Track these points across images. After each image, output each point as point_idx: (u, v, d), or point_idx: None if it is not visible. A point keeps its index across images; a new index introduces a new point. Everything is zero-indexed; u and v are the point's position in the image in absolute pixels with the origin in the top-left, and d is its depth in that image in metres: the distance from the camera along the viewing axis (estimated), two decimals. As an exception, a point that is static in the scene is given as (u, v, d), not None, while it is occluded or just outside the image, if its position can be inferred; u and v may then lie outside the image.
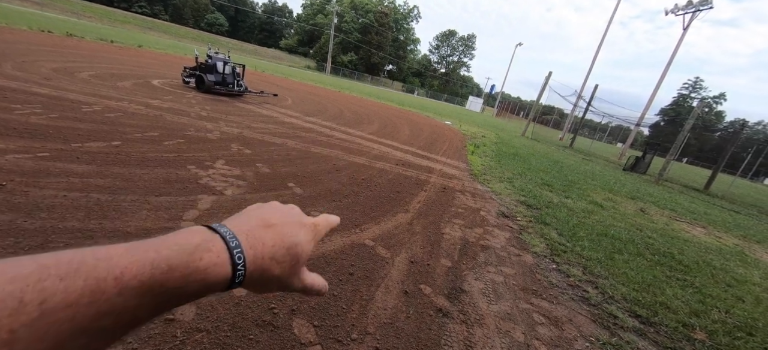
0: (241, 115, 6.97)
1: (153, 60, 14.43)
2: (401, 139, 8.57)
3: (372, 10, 69.57)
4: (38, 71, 6.73)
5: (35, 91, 5.27)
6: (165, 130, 4.78)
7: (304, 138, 6.22)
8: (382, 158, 6.02)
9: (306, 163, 4.68)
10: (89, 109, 4.99)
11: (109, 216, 2.42)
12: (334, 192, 3.83)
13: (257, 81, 15.25)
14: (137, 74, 9.42)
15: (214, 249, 0.31)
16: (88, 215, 2.38)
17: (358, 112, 12.43)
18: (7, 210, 2.23)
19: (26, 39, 11.37)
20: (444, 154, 8.00)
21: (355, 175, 4.65)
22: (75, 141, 3.69)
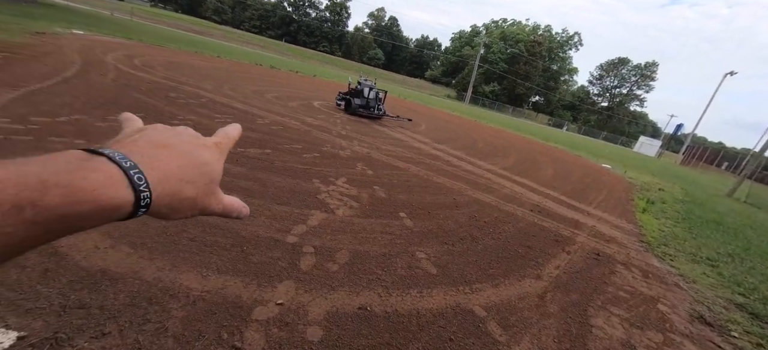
0: (374, 137, 7.32)
1: (320, 86, 17.40)
2: (541, 180, 7.25)
3: (523, 40, 65.88)
4: (242, 92, 8.90)
5: (234, 106, 6.89)
6: (308, 144, 5.37)
7: (429, 165, 5.95)
8: (513, 200, 5.11)
9: (424, 193, 4.35)
10: (262, 121, 6.13)
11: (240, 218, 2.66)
12: (447, 232, 3.33)
13: (398, 106, 16.27)
14: (304, 97, 11.40)
15: (103, 170, 0.28)
16: (223, 212, 2.67)
17: (493, 144, 11.48)
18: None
19: (245, 70, 15.58)
20: (599, 205, 6.28)
21: (477, 216, 4.01)
22: (241, 146, 4.48)
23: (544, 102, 75.19)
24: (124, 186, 0.29)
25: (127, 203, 0.29)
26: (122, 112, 0.44)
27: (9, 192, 0.23)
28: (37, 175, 0.24)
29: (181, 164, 0.34)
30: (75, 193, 0.25)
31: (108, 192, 0.27)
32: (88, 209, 0.26)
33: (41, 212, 0.24)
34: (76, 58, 7.89)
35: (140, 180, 0.29)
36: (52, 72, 6.04)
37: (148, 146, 0.33)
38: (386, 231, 3.04)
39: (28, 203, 0.23)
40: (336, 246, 2.60)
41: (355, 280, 2.25)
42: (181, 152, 0.35)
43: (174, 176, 0.33)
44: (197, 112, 5.67)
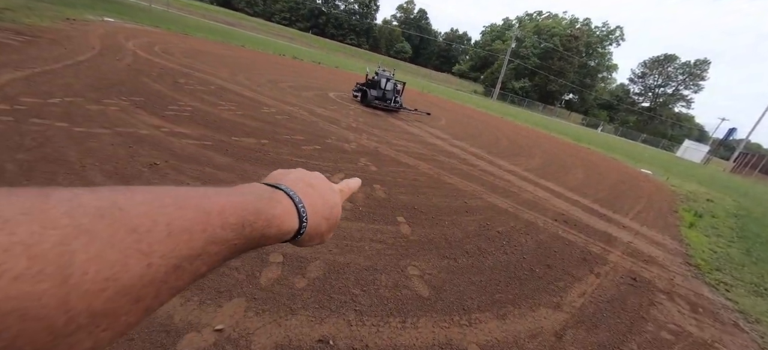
0: (387, 130, 6.87)
1: (341, 77, 17.09)
2: (570, 184, 6.53)
3: (559, 34, 62.41)
4: (257, 80, 8.71)
5: (243, 94, 6.67)
6: (310, 135, 5.02)
7: (442, 163, 5.44)
8: (535, 206, 4.51)
9: (431, 195, 3.87)
10: (267, 110, 5.85)
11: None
12: (451, 243, 2.85)
13: (419, 100, 15.68)
14: (321, 87, 11.11)
15: (284, 202, 0.36)
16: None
17: (517, 142, 10.68)
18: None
19: (266, 59, 15.54)
20: (637, 217, 5.51)
21: (489, 224, 3.48)
22: (237, 135, 4.19)
23: (579, 100, 71.11)
24: (295, 218, 0.37)
25: (294, 231, 0.37)
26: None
27: (241, 214, 0.30)
28: (253, 205, 0.32)
29: (322, 204, 0.42)
30: (270, 220, 0.33)
31: (287, 221, 0.36)
32: (273, 233, 0.34)
33: (254, 231, 0.31)
34: (97, 42, 7.98)
35: (303, 213, 0.38)
36: (66, 55, 6.06)
37: (304, 185, 0.41)
38: (377, 238, 2.61)
39: (248, 224, 0.31)
40: (311, 255, 2.21)
41: (323, 302, 1.85)
42: (322, 193, 0.43)
43: (319, 213, 0.41)
44: (202, 98, 5.47)
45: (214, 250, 0.27)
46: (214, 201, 0.28)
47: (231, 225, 0.29)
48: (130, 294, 0.21)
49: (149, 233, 0.23)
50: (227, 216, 0.29)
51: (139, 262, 0.22)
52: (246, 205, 0.31)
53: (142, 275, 0.22)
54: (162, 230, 0.23)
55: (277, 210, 0.35)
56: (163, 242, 0.23)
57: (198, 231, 0.26)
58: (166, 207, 0.25)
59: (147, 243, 0.22)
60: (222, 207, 0.29)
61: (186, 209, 0.26)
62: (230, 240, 0.29)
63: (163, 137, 3.55)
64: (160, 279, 0.23)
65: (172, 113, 4.40)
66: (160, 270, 0.23)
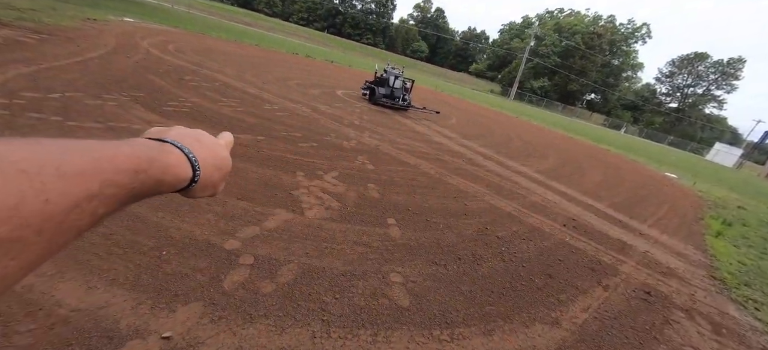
0: (392, 128, 6.69)
1: (352, 76, 17.01)
2: (584, 187, 6.16)
3: (581, 32, 60.33)
4: (264, 78, 8.71)
5: (248, 91, 6.65)
6: (309, 132, 4.91)
7: (446, 163, 5.22)
8: (542, 210, 4.24)
9: (428, 195, 3.67)
10: (269, 107, 5.79)
11: (180, 212, 2.24)
12: (443, 248, 2.66)
13: (431, 99, 15.40)
14: (330, 85, 11.04)
15: (175, 152, 0.39)
16: (165, 205, 2.26)
17: (531, 142, 10.27)
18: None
19: (279, 58, 15.64)
20: (657, 224, 5.12)
21: (489, 228, 3.26)
22: (233, 131, 4.10)
23: (601, 100, 68.53)
24: (188, 166, 0.40)
25: (188, 178, 0.40)
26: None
27: (134, 161, 0.32)
28: (145, 154, 0.34)
29: (212, 155, 0.44)
30: (165, 167, 0.36)
31: (182, 168, 0.39)
32: (170, 179, 0.37)
33: (149, 177, 0.34)
34: (111, 41, 8.17)
35: (196, 162, 0.41)
36: (78, 52, 6.19)
37: (190, 139, 0.43)
38: (361, 241, 2.45)
39: (142, 170, 0.33)
40: (285, 257, 2.07)
41: (289, 309, 1.70)
42: (210, 146, 0.45)
43: (209, 164, 0.43)
44: (205, 95, 5.46)
45: (110, 192, 0.29)
46: (103, 149, 0.30)
47: (124, 170, 0.31)
48: (31, 225, 0.23)
49: (39, 174, 0.24)
50: (119, 163, 0.30)
51: (37, 198, 0.23)
52: (138, 154, 0.33)
53: (41, 210, 0.23)
54: (52, 172, 0.25)
55: (170, 159, 0.37)
56: (56, 182, 0.25)
57: (90, 173, 0.27)
58: (51, 152, 0.26)
59: (40, 181, 0.24)
60: (113, 154, 0.30)
61: (74, 154, 0.27)
62: (126, 184, 0.31)
63: (155, 132, 3.51)
64: (59, 215, 0.25)
65: (170, 109, 4.38)
66: (58, 206, 0.24)
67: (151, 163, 0.34)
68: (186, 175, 0.39)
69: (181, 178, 0.38)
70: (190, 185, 0.40)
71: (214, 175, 0.44)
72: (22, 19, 7.62)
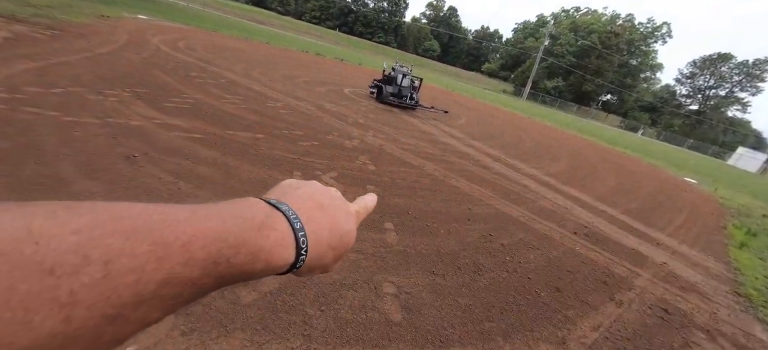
0: (397, 128, 6.55)
1: (361, 74, 16.90)
2: (598, 192, 5.89)
3: (598, 31, 58.81)
4: (271, 76, 8.67)
5: (252, 88, 6.60)
6: (311, 131, 4.81)
7: (452, 164, 5.04)
8: (552, 216, 4.03)
9: (431, 199, 3.52)
10: (272, 104, 5.72)
11: (164, 211, 2.15)
12: (443, 256, 2.50)
13: (441, 98, 15.18)
14: (337, 83, 10.95)
15: (279, 229, 0.29)
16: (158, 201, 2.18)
17: (542, 144, 9.96)
18: (108, 181, 2.30)
19: (288, 55, 15.65)
20: (675, 233, 4.84)
21: (494, 235, 3.09)
22: (233, 128, 4.05)
23: (617, 101, 66.71)
24: (292, 249, 0.29)
25: (287, 265, 0.30)
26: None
27: (215, 248, 0.23)
28: (235, 236, 0.25)
29: (331, 230, 0.34)
30: (256, 253, 0.26)
31: (280, 253, 0.28)
32: (260, 268, 0.27)
33: (231, 268, 0.25)
34: (123, 37, 8.26)
35: (303, 244, 0.30)
36: (88, 48, 6.25)
37: (311, 206, 0.34)
38: (354, 247, 2.32)
39: (224, 260, 0.24)
40: (271, 264, 1.96)
41: (268, 322, 1.59)
42: (333, 218, 0.35)
43: (324, 242, 0.33)
44: (209, 91, 5.42)
45: (170, 293, 0.21)
46: (180, 229, 0.22)
47: (198, 260, 0.22)
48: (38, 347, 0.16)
49: (74, 276, 0.17)
50: (195, 251, 0.22)
51: (52, 316, 0.16)
52: (225, 235, 0.24)
53: (55, 333, 0.16)
54: (96, 271, 0.18)
55: (269, 241, 0.28)
56: (94, 287, 0.17)
57: (150, 270, 0.20)
58: (108, 236, 0.19)
59: (67, 290, 0.17)
60: (190, 238, 0.22)
61: (137, 239, 0.20)
62: (195, 279, 0.22)
63: (152, 128, 3.46)
64: (86, 336, 0.17)
65: (171, 105, 4.33)
66: (86, 324, 0.17)
67: (238, 248, 0.25)
68: (285, 261, 0.29)
69: (275, 266, 0.28)
70: (290, 270, 0.31)
71: (327, 255, 0.34)
72: (37, 16, 7.75)
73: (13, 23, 6.51)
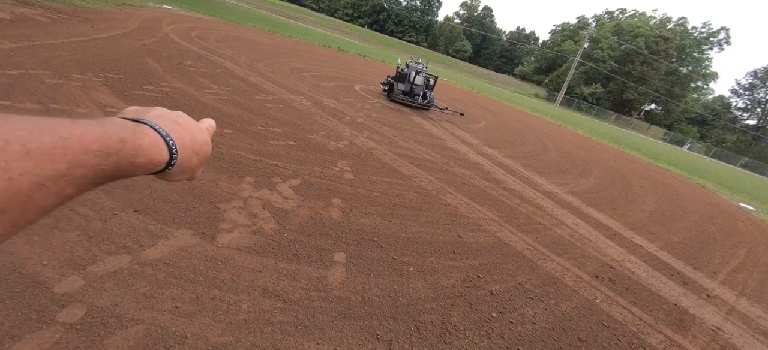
0: (401, 129, 5.88)
1: (380, 70, 16.29)
2: (631, 218, 4.93)
3: (645, 35, 54.57)
4: (277, 68, 8.27)
5: (248, 79, 6.18)
6: (294, 128, 4.27)
7: (452, 176, 4.33)
8: (568, 250, 3.23)
9: (411, 220, 2.86)
10: (262, 97, 5.25)
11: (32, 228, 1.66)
12: (399, 309, 1.85)
13: (464, 100, 14.29)
14: (350, 79, 10.42)
15: (150, 134, 0.37)
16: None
17: (570, 155, 8.89)
18: None
19: (306, 49, 15.33)
20: (730, 279, 3.85)
21: (482, 277, 2.38)
22: (197, 122, 3.58)
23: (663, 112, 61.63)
24: (165, 148, 0.38)
25: (164, 161, 0.39)
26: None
27: (104, 142, 0.31)
28: (116, 133, 0.33)
29: (192, 139, 0.43)
30: (138, 149, 0.35)
31: (157, 150, 0.37)
32: (143, 162, 0.36)
33: (121, 159, 0.33)
34: (133, 24, 8.15)
35: (173, 146, 0.39)
36: (87, 33, 6.08)
37: (169, 122, 0.42)
38: (277, 289, 1.73)
39: (113, 152, 0.32)
40: (135, 312, 1.40)
41: None
42: (190, 130, 0.44)
43: (188, 147, 0.42)
44: (195, 81, 5.04)
45: (79, 173, 0.29)
46: (70, 129, 0.29)
47: (93, 151, 0.30)
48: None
49: (3, 152, 0.24)
50: (89, 143, 0.29)
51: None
52: (109, 134, 0.32)
53: (5, 187, 0.23)
54: (17, 149, 0.24)
55: (145, 141, 0.36)
56: (21, 160, 0.24)
57: (58, 154, 0.27)
58: (17, 130, 0.25)
59: (3, 160, 0.23)
60: (81, 134, 0.29)
61: (41, 133, 0.27)
62: (95, 165, 0.30)
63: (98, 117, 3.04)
64: (23, 194, 0.25)
65: (140, 93, 3.95)
66: (22, 185, 0.24)
67: (122, 144, 0.33)
68: (161, 158, 0.38)
69: (155, 161, 0.37)
70: (166, 168, 0.39)
71: (192, 159, 0.43)
72: (53, 0, 7.79)
73: (20, 6, 6.49)
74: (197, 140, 0.44)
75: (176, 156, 0.39)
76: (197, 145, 0.44)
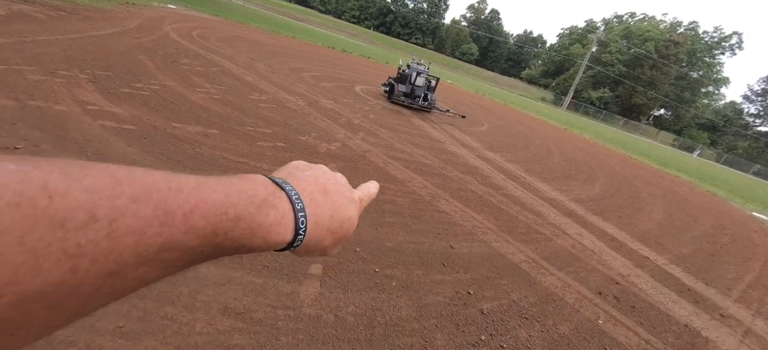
0: (398, 132, 5.71)
1: (382, 72, 16.14)
2: (639, 227, 4.69)
3: (655, 39, 53.79)
4: (276, 68, 8.16)
5: (243, 78, 6.06)
6: (284, 129, 4.12)
7: (449, 181, 4.14)
8: (570, 263, 3.03)
9: (400, 229, 2.68)
10: (255, 97, 5.11)
11: None
12: (374, 330, 1.67)
13: (468, 103, 14.08)
14: (350, 80, 10.28)
15: (280, 208, 0.30)
16: None
17: (576, 160, 8.64)
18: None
19: (309, 50, 15.25)
20: (745, 296, 3.60)
21: (473, 293, 2.19)
22: (182, 121, 3.45)
23: (672, 117, 60.63)
24: (291, 229, 0.30)
25: (285, 243, 0.30)
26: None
27: (216, 218, 0.24)
28: (235, 209, 0.26)
29: (332, 215, 0.35)
30: (254, 229, 0.27)
31: (278, 231, 0.29)
32: (257, 243, 0.28)
33: (228, 239, 0.26)
34: (133, 23, 8.11)
35: (302, 225, 0.31)
36: (83, 30, 6.01)
37: (315, 189, 0.34)
38: (239, 307, 1.56)
39: (222, 232, 0.25)
40: (68, 331, 1.24)
41: None
42: (335, 204, 0.36)
43: (324, 226, 0.34)
44: (187, 79, 4.93)
45: (169, 257, 0.23)
46: (183, 199, 0.23)
47: (198, 229, 0.23)
48: (42, 301, 0.17)
49: (82, 230, 0.18)
50: (195, 220, 0.23)
51: (59, 266, 0.18)
52: (225, 208, 0.25)
53: (62, 281, 0.18)
54: (101, 228, 0.19)
55: (268, 219, 0.29)
56: (99, 243, 0.19)
57: (151, 234, 0.21)
58: (115, 198, 0.20)
59: (75, 243, 0.18)
60: (192, 208, 0.23)
61: (143, 203, 0.21)
62: (195, 247, 0.24)
63: (75, 115, 2.92)
64: (88, 285, 0.19)
65: (127, 91, 3.83)
66: (88, 275, 0.19)
67: (236, 221, 0.26)
68: (282, 239, 0.30)
69: (271, 243, 0.29)
70: (288, 248, 0.32)
71: (326, 239, 0.34)
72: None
73: (18, 3, 6.45)
74: (339, 216, 0.36)
75: (302, 237, 0.31)
76: (337, 222, 0.35)
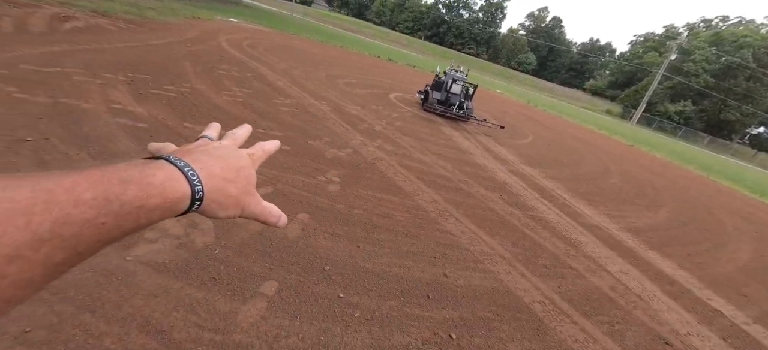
0: (423, 141, 5.36)
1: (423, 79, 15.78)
2: (713, 269, 3.76)
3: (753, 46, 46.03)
4: (313, 75, 8.32)
5: (274, 83, 6.22)
6: (296, 133, 4.04)
7: (466, 196, 3.70)
8: (601, 310, 2.44)
9: (388, 248, 2.37)
10: (279, 101, 5.17)
11: None
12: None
13: (514, 113, 13.16)
14: (387, 87, 10.13)
15: (165, 168, 0.31)
16: None
17: (638, 181, 7.42)
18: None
19: (352, 59, 15.50)
20: None
21: (458, 341, 1.80)
22: (195, 122, 3.53)
23: (777, 137, 51.01)
24: (183, 181, 0.32)
25: (186, 196, 0.32)
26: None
27: (101, 187, 0.26)
28: (117, 175, 0.27)
29: (222, 166, 0.37)
30: (147, 188, 0.28)
31: (172, 185, 0.31)
32: (156, 202, 0.29)
33: (125, 204, 0.26)
34: (192, 34, 8.88)
35: (193, 176, 0.33)
36: (145, 39, 6.68)
37: (193, 149, 0.37)
38: (160, 324, 1.40)
39: (115, 197, 0.26)
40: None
41: None
42: (220, 157, 0.38)
43: (218, 175, 0.35)
44: (219, 83, 5.15)
45: (68, 233, 0.23)
46: (59, 178, 0.24)
47: (87, 201, 0.24)
48: None
49: None
50: (80, 192, 0.24)
51: None
52: (108, 177, 0.27)
53: None
54: None
55: (156, 178, 0.30)
56: None
57: (38, 211, 0.22)
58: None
59: None
60: (72, 183, 0.24)
61: (20, 190, 0.22)
62: (91, 218, 0.24)
63: (99, 112, 3.12)
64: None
65: (156, 93, 4.06)
66: None
67: (124, 186, 0.27)
68: (179, 194, 0.31)
69: (173, 198, 0.30)
70: (194, 205, 0.32)
71: (229, 188, 0.36)
72: (127, 13, 8.81)
73: (97, 17, 7.38)
74: (229, 166, 0.37)
75: (200, 187, 0.32)
76: (230, 171, 0.37)
